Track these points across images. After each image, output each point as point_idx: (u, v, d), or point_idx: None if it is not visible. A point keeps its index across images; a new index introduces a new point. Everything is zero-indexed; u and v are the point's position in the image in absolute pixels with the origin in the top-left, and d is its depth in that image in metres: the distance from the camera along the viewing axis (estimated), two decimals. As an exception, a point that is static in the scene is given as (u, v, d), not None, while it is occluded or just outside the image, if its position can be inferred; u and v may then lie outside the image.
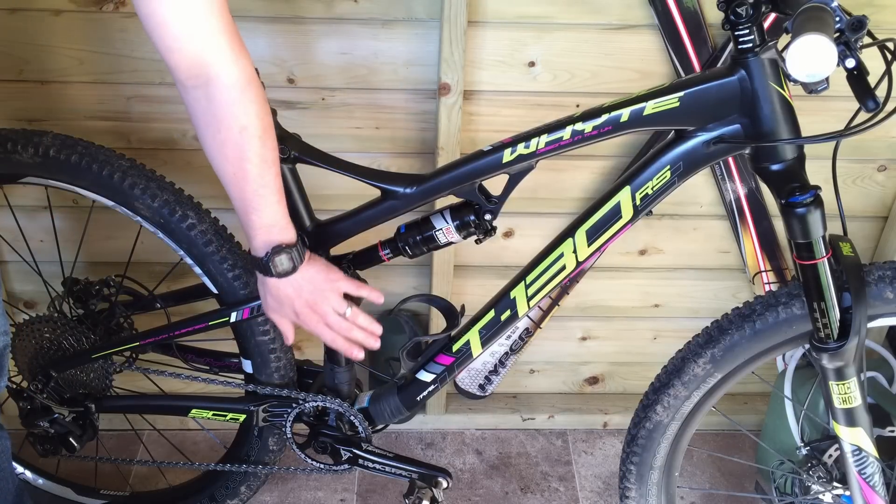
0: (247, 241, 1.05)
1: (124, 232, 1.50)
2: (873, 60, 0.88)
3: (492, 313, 1.17)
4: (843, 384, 1.07)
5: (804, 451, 1.31)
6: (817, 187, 0.97)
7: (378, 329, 1.14)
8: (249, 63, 0.92)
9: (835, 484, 1.25)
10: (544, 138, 1.03)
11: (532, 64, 1.42)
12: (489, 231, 1.13)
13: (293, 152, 1.12)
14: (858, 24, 0.83)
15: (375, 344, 1.14)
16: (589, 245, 1.09)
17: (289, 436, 1.30)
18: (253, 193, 0.97)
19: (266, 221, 1.00)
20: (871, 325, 1.06)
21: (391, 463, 1.30)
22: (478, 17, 1.36)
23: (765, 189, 1.48)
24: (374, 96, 1.44)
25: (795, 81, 0.85)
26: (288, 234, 1.03)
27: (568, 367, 1.85)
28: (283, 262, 1.03)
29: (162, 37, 0.86)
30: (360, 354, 1.14)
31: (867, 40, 0.88)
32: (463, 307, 1.24)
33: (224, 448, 1.47)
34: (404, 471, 1.31)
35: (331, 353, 1.26)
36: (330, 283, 1.09)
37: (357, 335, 1.13)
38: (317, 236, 1.16)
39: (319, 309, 1.09)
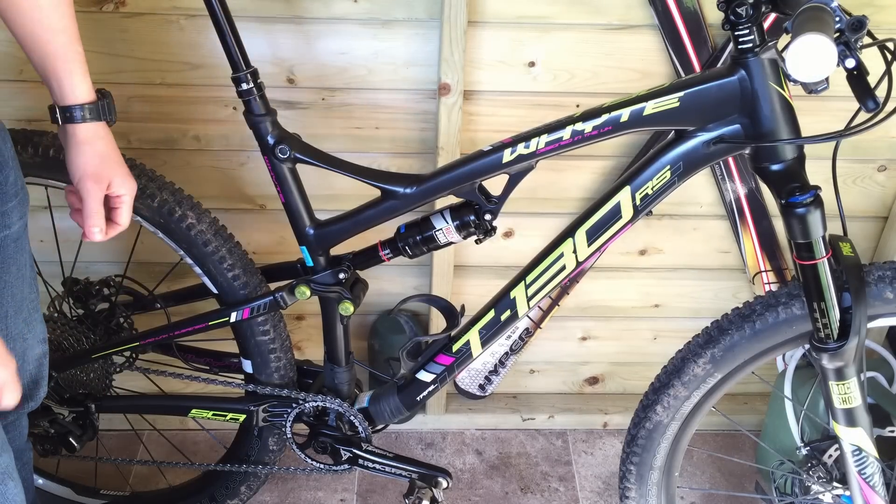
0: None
1: (124, 232, 1.50)
2: (873, 60, 0.88)
3: (492, 313, 1.17)
4: (843, 384, 1.07)
5: (804, 452, 1.31)
6: (817, 187, 0.97)
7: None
8: None
9: (835, 484, 1.25)
10: (544, 138, 1.03)
11: (532, 64, 1.42)
12: (489, 231, 1.13)
13: (293, 152, 1.12)
14: (858, 24, 0.83)
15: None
16: (589, 245, 1.09)
17: (289, 436, 1.30)
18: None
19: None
20: (871, 325, 1.06)
21: (391, 463, 1.30)
22: (478, 17, 1.36)
23: (765, 189, 1.48)
24: (374, 96, 1.44)
25: (795, 81, 0.85)
26: None
27: (568, 367, 1.85)
28: None
29: None
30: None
31: (867, 40, 0.88)
32: (463, 307, 1.24)
33: (224, 448, 1.47)
34: (404, 471, 1.31)
35: (331, 354, 1.26)
36: None
37: None
38: (317, 236, 1.16)
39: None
